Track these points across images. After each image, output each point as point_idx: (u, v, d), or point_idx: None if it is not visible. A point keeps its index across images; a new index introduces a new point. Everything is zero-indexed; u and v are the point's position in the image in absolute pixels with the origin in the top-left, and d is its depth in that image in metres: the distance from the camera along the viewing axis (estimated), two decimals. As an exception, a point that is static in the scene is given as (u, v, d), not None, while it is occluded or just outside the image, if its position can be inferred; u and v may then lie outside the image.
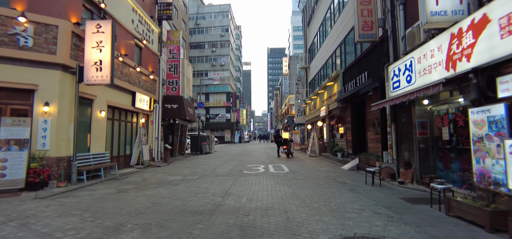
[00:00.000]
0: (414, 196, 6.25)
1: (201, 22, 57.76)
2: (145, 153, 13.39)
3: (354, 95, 11.91)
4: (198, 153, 21.74)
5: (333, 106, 15.04)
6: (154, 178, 9.23)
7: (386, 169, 8.28)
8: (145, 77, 14.42)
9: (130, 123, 13.41)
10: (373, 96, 10.39)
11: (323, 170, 10.71)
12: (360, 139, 12.88)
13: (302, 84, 26.72)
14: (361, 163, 10.61)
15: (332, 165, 12.54)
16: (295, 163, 13.62)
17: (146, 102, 14.27)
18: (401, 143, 8.30)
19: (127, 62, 12.35)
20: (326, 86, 16.72)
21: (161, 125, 16.41)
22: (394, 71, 8.15)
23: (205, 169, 11.38)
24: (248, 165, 12.42)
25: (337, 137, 15.39)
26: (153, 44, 15.65)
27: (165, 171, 11.14)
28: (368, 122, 11.15)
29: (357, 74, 11.60)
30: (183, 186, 7.60)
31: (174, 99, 16.48)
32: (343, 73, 13.88)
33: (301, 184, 7.55)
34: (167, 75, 16.85)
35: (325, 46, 18.61)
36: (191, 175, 9.81)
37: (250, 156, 18.00)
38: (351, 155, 13.09)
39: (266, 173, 9.88)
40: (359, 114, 13.02)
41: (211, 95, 54.65)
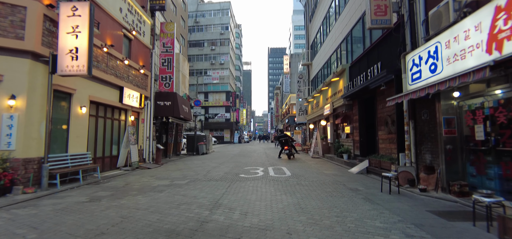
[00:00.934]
0: (445, 208, 5.13)
1: (201, 20, 56.69)
2: (134, 153, 12.30)
3: (363, 91, 10.79)
4: (195, 153, 20.64)
5: (338, 103, 13.93)
6: (138, 183, 8.13)
7: (404, 174, 7.16)
8: (135, 72, 13.33)
9: (117, 121, 12.31)
10: (385, 91, 9.27)
11: (329, 174, 9.59)
12: (369, 139, 11.76)
13: (304, 82, 25.60)
14: (372, 166, 9.49)
15: (338, 168, 11.42)
16: (297, 165, 12.51)
17: (136, 99, 13.18)
18: (421, 144, 7.18)
19: (114, 54, 11.26)
20: (330, 83, 15.60)
21: (153, 124, 15.32)
22: (414, 61, 7.03)
23: (197, 172, 10.27)
24: (246, 168, 11.31)
25: (342, 137, 14.27)
26: (145, 36, 14.55)
27: (153, 174, 10.04)
28: (379, 120, 10.03)
29: (367, 68, 10.49)
30: (168, 193, 6.49)
31: (167, 96, 15.38)
32: (350, 68, 12.76)
33: (306, 192, 6.44)
34: (160, 70, 15.75)
35: (329, 40, 17.50)
36: (181, 179, 8.70)
37: (248, 157, 16.89)
38: (358, 156, 11.96)
39: (265, 177, 8.77)
40: (367, 112, 11.90)
41: (210, 94, 53.55)
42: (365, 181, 8.16)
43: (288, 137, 16.83)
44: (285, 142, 16.22)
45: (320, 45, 20.55)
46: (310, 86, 23.98)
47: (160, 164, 14.08)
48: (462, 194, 5.71)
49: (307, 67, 25.11)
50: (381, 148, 9.82)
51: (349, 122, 13.52)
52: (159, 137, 17.11)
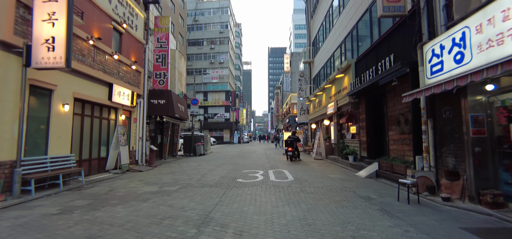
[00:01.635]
0: (481, 224, 4.28)
1: (200, 19, 55.85)
2: (124, 155, 11.45)
3: (371, 87, 9.94)
4: (192, 154, 19.80)
5: (343, 102, 13.07)
6: (123, 189, 7.29)
7: (422, 179, 6.31)
8: (126, 68, 12.50)
9: (106, 120, 11.48)
10: (397, 87, 8.41)
11: (335, 178, 8.74)
12: (377, 140, 10.90)
13: (305, 81, 24.75)
14: (382, 170, 8.63)
15: (343, 171, 10.56)
16: (300, 168, 11.65)
17: (127, 97, 12.34)
18: (441, 145, 6.33)
19: (102, 47, 10.44)
20: (334, 80, 14.75)
21: (146, 123, 14.48)
22: (433, 51, 6.18)
23: (191, 176, 9.43)
24: (244, 171, 10.46)
25: (348, 138, 13.42)
26: (137, 30, 13.71)
27: (143, 178, 9.19)
28: (389, 119, 9.18)
29: (375, 62, 9.63)
30: (152, 203, 5.64)
31: (161, 94, 14.53)
32: (356, 63, 11.91)
33: (312, 202, 5.59)
34: (154, 67, 14.91)
35: (332, 36, 16.65)
36: (171, 184, 7.85)
37: (248, 159, 16.04)
38: (365, 158, 11.11)
39: (265, 182, 7.92)
40: (376, 111, 11.05)
41: (209, 94, 52.71)
42: (376, 186, 7.31)
43: (295, 138, 15.68)
44: (291, 143, 15.12)
45: (322, 42, 19.70)
46: (311, 84, 23.12)
47: (153, 166, 13.24)
48: (496, 205, 4.86)
49: (308, 65, 24.25)
50: (392, 150, 8.97)
51: (355, 121, 12.67)
52: (154, 138, 16.28)
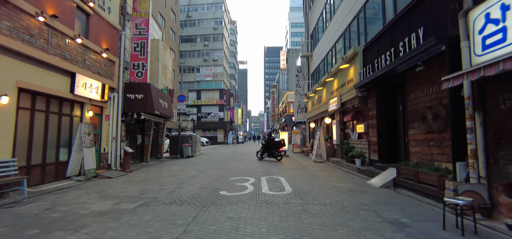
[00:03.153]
0: None
1: (193, 14, 53.88)
2: (89, 159, 9.56)
3: (385, 77, 8.20)
4: (178, 156, 17.91)
5: (347, 96, 11.33)
6: (67, 206, 5.43)
7: (469, 195, 4.56)
8: (95, 56, 10.63)
9: (68, 117, 9.59)
10: (422, 73, 6.68)
11: (343, 188, 6.97)
12: (391, 140, 9.19)
13: (303, 76, 23.01)
14: (402, 178, 6.87)
15: (351, 178, 8.80)
16: (299, 173, 9.87)
17: (95, 89, 10.47)
18: (498, 148, 4.58)
19: (60, 28, 8.59)
20: (336, 73, 13.00)
21: (122, 121, 12.58)
22: (489, 16, 4.43)
23: (164, 186, 7.58)
24: (232, 178, 8.64)
25: (353, 138, 11.67)
26: (111, 13, 11.83)
27: (104, 189, 7.32)
28: (409, 114, 7.43)
29: (390, 46, 7.88)
30: (85, 235, 3.80)
31: (138, 88, 12.64)
32: (364, 51, 10.17)
33: (322, 233, 3.79)
34: (132, 57, 13.02)
35: (334, 24, 14.92)
36: (133, 198, 6.00)
37: (239, 162, 14.21)
38: (376, 162, 9.37)
39: (255, 196, 6.10)
40: (389, 105, 9.33)
41: (203, 92, 50.76)
42: (400, 202, 5.55)
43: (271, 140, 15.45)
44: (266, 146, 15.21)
45: (322, 32, 17.96)
46: (310, 80, 21.38)
47: (128, 171, 11.35)
48: None
49: (306, 59, 22.52)
50: (414, 153, 7.22)
51: (362, 118, 10.93)
52: (133, 138, 14.37)
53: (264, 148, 15.27)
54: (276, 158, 14.79)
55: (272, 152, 14.94)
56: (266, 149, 15.13)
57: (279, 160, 14.70)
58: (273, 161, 14.48)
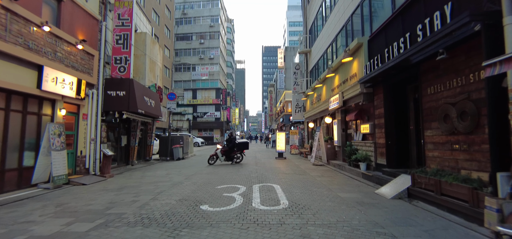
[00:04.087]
0: None
1: (189, 12, 52.68)
2: (58, 163, 8.40)
3: (396, 69, 7.11)
4: (168, 158, 16.77)
5: (351, 93, 10.25)
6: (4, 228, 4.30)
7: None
8: (69, 47, 9.49)
9: (35, 116, 8.47)
10: (442, 63, 5.60)
11: (349, 200, 5.87)
12: (401, 142, 8.11)
13: (301, 74, 21.93)
14: (419, 187, 5.79)
15: (356, 185, 7.71)
16: (297, 179, 8.77)
17: (69, 85, 9.34)
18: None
19: (22, 13, 7.47)
20: (338, 67, 11.92)
21: (102, 121, 11.43)
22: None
23: (139, 196, 6.45)
24: (220, 186, 7.52)
25: (356, 139, 10.59)
26: (89, 1, 10.69)
27: (66, 201, 6.18)
28: (427, 112, 6.34)
29: (403, 33, 6.80)
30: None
31: (120, 84, 11.49)
32: (370, 41, 9.09)
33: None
34: (113, 50, 11.85)
35: (334, 16, 13.83)
36: (92, 217, 4.87)
37: (231, 165, 13.10)
38: (383, 167, 8.30)
39: (243, 213, 4.98)
40: (398, 103, 8.27)
41: (198, 91, 49.54)
42: (422, 221, 4.46)
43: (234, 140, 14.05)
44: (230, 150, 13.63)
45: (321, 27, 16.88)
46: (308, 77, 20.30)
47: (107, 176, 10.20)
48: None
49: (304, 56, 21.42)
50: (432, 158, 6.13)
51: (367, 117, 9.85)
52: (117, 138, 13.21)
53: (226, 151, 13.48)
54: (234, 161, 13.49)
55: (231, 156, 13.49)
56: (229, 152, 13.48)
57: (237, 162, 13.53)
58: (272, 163, 13.38)
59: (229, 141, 13.77)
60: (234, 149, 13.50)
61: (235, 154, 13.50)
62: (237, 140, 14.13)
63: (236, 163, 13.47)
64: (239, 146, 13.71)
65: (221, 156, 13.30)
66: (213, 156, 13.34)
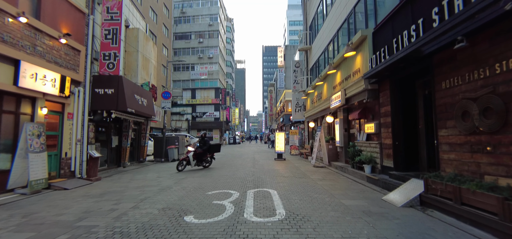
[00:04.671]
0: None
1: (187, 11, 52.03)
2: (37, 166, 7.75)
3: (405, 62, 6.42)
4: (163, 160, 16.11)
5: (354, 90, 9.56)
6: None
7: None
8: (51, 41, 8.85)
9: (12, 115, 7.85)
10: (460, 54, 4.92)
11: (355, 208, 5.19)
12: (409, 143, 7.43)
13: (301, 72, 21.24)
14: (433, 194, 5.10)
15: (360, 190, 7.02)
16: (296, 183, 8.09)
17: (51, 82, 8.70)
18: None
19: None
20: (340, 63, 11.23)
21: (90, 120, 10.78)
22: None
23: (119, 204, 5.78)
24: (211, 191, 6.85)
25: (360, 139, 9.91)
26: (74, -7, 10.04)
27: (37, 211, 5.51)
28: (441, 108, 5.65)
29: (412, 21, 6.12)
30: None
31: (108, 81, 10.84)
32: (375, 34, 8.40)
33: None
34: (102, 46, 11.19)
35: (336, 9, 13.14)
36: (55, 233, 4.21)
37: (227, 167, 12.43)
38: (390, 170, 7.61)
39: (233, 225, 4.30)
40: (406, 99, 7.59)
41: (197, 91, 48.90)
42: (442, 237, 3.78)
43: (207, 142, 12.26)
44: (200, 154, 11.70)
45: (322, 22, 16.19)
46: (309, 75, 19.61)
47: (94, 179, 9.55)
48: None
49: (305, 53, 20.74)
50: (447, 161, 5.44)
51: (371, 116, 9.16)
52: (108, 139, 12.55)
53: (198, 154, 11.57)
54: (204, 165, 11.81)
55: (203, 159, 11.75)
56: (202, 155, 11.65)
57: (206, 166, 11.88)
58: (271, 164, 12.70)
59: (203, 142, 12.03)
60: (207, 152, 11.90)
61: (206, 158, 11.87)
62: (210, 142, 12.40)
63: (205, 167, 11.85)
64: (212, 149, 12.23)
65: (193, 160, 11.37)
66: (183, 161, 11.28)
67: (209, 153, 12.00)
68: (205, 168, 11.78)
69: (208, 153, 11.96)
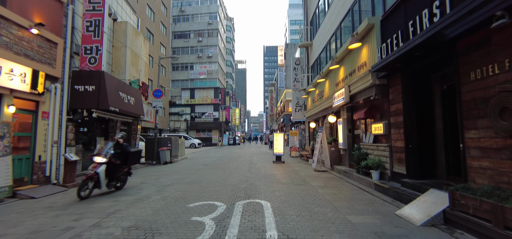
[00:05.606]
0: None
1: (186, 9, 51.14)
2: None
3: (424, 49, 5.42)
4: (154, 162, 15.14)
5: (359, 86, 8.55)
6: None
7: None
8: (21, 31, 7.94)
9: (-31, 114, 6.88)
10: (494, 36, 3.92)
11: (364, 229, 4.20)
12: (425, 146, 6.42)
13: (302, 69, 20.24)
14: (464, 212, 4.10)
15: (369, 201, 6.01)
16: (294, 192, 7.09)
17: (20, 77, 7.78)
18: None
19: None
20: (344, 57, 10.23)
21: (69, 120, 9.84)
22: None
23: (81, 219, 4.80)
24: (194, 203, 5.87)
25: (366, 141, 8.90)
26: (50, -20, 9.12)
27: (-24, 227, 4.54)
28: (468, 105, 4.64)
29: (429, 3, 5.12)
30: None
31: (89, 77, 9.88)
32: (383, 21, 7.40)
33: None
34: (83, 39, 10.24)
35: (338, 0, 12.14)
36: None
37: (221, 170, 11.45)
38: (402, 177, 6.61)
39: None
40: (421, 95, 6.58)
41: (196, 91, 47.98)
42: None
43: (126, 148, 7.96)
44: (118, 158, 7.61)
45: (323, 15, 15.19)
46: (310, 73, 18.60)
47: (70, 185, 8.60)
48: None
49: (305, 50, 19.74)
50: (478, 169, 4.44)
51: (379, 115, 8.14)
52: (89, 141, 11.60)
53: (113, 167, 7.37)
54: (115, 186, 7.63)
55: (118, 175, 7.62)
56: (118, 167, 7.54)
57: (119, 186, 7.77)
58: (268, 168, 11.72)
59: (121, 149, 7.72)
60: (124, 165, 7.85)
61: (122, 172, 7.75)
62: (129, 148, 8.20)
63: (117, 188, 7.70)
64: (132, 159, 8.27)
65: (105, 177, 7.03)
66: (87, 181, 6.77)
67: (126, 165, 7.94)
68: (118, 189, 7.67)
69: (126, 165, 7.93)
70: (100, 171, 6.98)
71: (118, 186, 7.82)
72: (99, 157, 7.17)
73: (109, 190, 7.41)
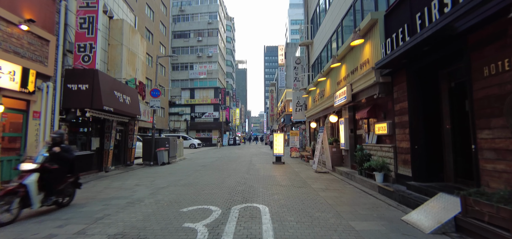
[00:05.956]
0: None
1: (186, 9, 50.86)
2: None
3: (432, 43, 5.10)
4: (152, 163, 14.83)
5: (362, 84, 8.22)
6: None
7: None
8: (9, 27, 7.69)
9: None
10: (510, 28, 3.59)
11: (368, 237, 3.88)
12: (432, 147, 6.10)
13: (302, 68, 19.91)
14: (478, 219, 3.77)
15: (372, 205, 5.69)
16: (294, 195, 6.77)
17: (9, 75, 7.54)
18: None
19: None
20: (345, 55, 9.91)
21: (62, 120, 9.55)
22: None
23: (62, 228, 4.49)
24: (187, 208, 5.55)
25: (369, 141, 8.57)
26: (41, -25, 8.83)
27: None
28: (480, 103, 4.32)
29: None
30: None
31: (82, 76, 9.59)
32: (387, 16, 7.07)
33: None
34: (77, 36, 9.95)
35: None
36: None
37: (219, 172, 11.14)
38: (408, 179, 6.28)
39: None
40: (427, 94, 6.26)
41: (196, 91, 47.69)
42: None
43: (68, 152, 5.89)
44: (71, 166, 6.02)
45: (324, 13, 14.87)
46: (310, 72, 18.27)
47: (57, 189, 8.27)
48: None
49: (306, 48, 19.41)
50: (492, 172, 4.12)
51: (384, 114, 7.81)
52: (87, 141, 11.29)
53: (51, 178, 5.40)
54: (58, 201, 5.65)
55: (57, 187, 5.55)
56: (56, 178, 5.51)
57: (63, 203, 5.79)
58: (268, 169, 11.41)
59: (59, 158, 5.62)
60: (67, 173, 5.89)
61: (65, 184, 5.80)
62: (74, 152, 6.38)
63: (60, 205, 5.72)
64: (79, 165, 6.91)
65: (38, 192, 5.11)
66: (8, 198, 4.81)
67: (72, 174, 6.03)
68: (61, 207, 5.73)
69: (71, 173, 6.01)
70: (29, 182, 4.98)
71: (61, 202, 5.72)
72: (26, 163, 5.20)
73: (48, 206, 5.40)
